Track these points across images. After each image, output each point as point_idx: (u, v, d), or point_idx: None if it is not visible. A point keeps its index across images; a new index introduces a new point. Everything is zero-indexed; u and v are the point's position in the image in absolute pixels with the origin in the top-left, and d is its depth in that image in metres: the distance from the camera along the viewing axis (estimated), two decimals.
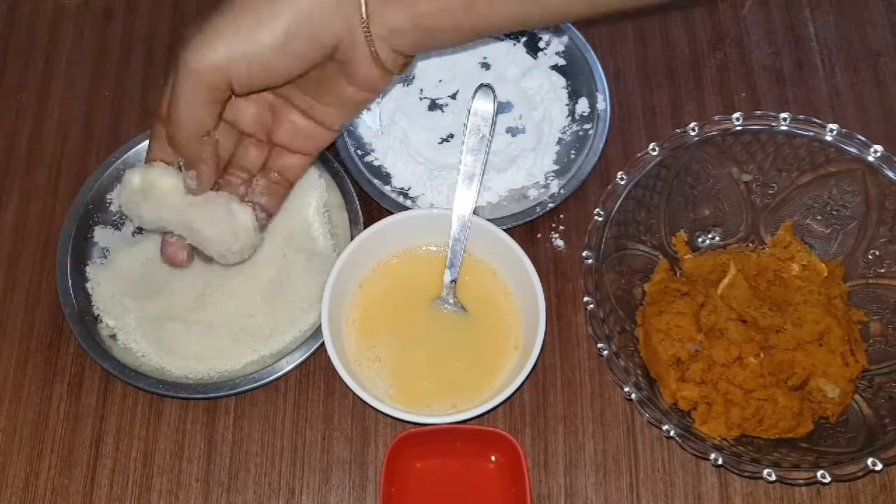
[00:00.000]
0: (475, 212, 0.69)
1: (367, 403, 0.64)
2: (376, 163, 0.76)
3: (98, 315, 0.71)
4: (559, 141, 0.77)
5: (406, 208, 0.73)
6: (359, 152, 0.76)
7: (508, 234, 0.68)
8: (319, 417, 0.69)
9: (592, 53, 0.78)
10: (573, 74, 0.79)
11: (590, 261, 0.65)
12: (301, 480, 0.67)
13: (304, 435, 0.69)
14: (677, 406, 0.65)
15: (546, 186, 0.74)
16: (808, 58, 0.81)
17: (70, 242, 0.72)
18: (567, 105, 0.78)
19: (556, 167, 0.75)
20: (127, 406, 0.70)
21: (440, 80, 0.80)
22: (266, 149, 0.65)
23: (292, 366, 0.68)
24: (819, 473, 0.58)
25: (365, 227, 0.69)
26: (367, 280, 0.70)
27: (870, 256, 0.68)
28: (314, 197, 0.74)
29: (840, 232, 0.69)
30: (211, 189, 0.62)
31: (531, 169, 0.75)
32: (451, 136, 0.77)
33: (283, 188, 0.66)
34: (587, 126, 0.76)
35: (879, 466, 0.58)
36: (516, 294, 0.69)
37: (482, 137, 0.69)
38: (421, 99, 0.79)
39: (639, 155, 0.67)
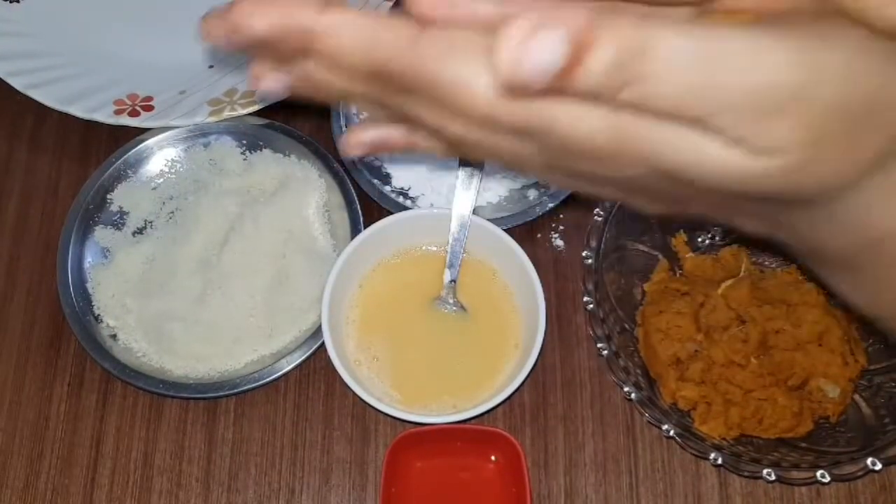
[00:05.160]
0: (475, 212, 0.69)
1: (367, 403, 0.64)
2: (376, 163, 0.76)
3: (98, 315, 0.71)
4: None
5: (406, 208, 0.73)
6: None
7: (508, 234, 0.68)
8: (319, 417, 0.69)
9: None
10: None
11: (590, 261, 0.65)
12: (301, 480, 0.67)
13: (304, 435, 0.69)
14: (677, 406, 0.64)
15: (546, 186, 0.74)
16: None
17: (70, 242, 0.72)
18: None
19: None
20: (127, 406, 0.70)
21: None
22: None
23: (292, 366, 0.68)
24: (819, 473, 0.58)
25: (365, 227, 0.70)
26: (367, 280, 0.70)
27: None
28: (314, 197, 0.74)
29: None
30: None
31: None
32: None
33: None
34: None
35: (879, 466, 0.58)
36: (516, 294, 0.69)
37: None
38: None
39: None
